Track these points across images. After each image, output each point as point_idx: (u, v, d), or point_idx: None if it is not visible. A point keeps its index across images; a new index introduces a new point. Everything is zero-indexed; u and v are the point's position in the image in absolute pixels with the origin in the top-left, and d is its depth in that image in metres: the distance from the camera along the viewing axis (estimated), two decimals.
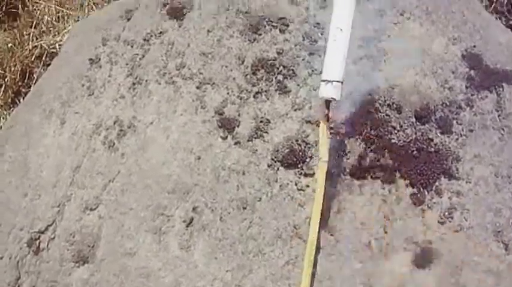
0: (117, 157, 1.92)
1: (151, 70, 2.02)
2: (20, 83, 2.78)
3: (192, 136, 1.90)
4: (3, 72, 2.78)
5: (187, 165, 1.87)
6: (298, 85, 1.94)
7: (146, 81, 2.01)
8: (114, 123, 1.97)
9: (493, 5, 2.73)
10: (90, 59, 2.10)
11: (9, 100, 2.79)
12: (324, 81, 1.66)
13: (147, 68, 2.03)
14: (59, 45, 2.83)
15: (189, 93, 1.96)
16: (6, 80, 2.78)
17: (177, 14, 2.14)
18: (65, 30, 2.90)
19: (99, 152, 1.95)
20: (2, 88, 2.79)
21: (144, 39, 2.10)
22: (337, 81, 1.65)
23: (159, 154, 1.89)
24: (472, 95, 1.95)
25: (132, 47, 2.09)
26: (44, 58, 2.82)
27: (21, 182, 2.02)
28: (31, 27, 2.98)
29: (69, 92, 2.07)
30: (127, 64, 2.06)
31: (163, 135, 1.91)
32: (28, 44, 2.87)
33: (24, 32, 2.92)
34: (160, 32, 2.10)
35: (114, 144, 1.94)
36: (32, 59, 2.83)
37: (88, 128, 1.98)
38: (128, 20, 2.18)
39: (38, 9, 3.03)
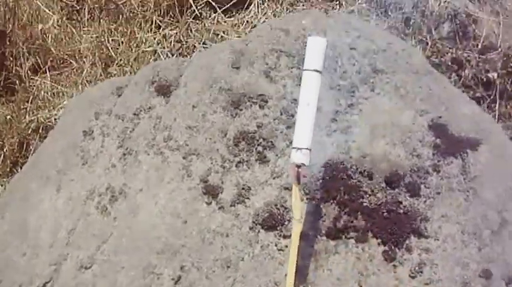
0: (110, 221, 2.04)
1: (140, 142, 2.18)
2: (17, 154, 2.91)
3: (179, 202, 2.03)
4: (1, 143, 2.92)
5: (174, 228, 1.99)
6: (276, 155, 2.10)
7: (136, 152, 2.16)
8: (107, 189, 2.10)
9: (461, 80, 2.94)
10: (84, 131, 2.26)
11: (8, 169, 2.91)
12: (294, 148, 1.83)
13: (137, 140, 2.19)
14: (55, 119, 2.97)
15: (175, 163, 2.11)
16: (4, 150, 2.92)
17: (164, 91, 2.32)
18: (60, 105, 3.04)
19: (93, 216, 2.07)
20: (1, 158, 2.92)
21: (134, 114, 2.27)
22: (306, 149, 1.83)
23: (149, 218, 2.01)
24: (438, 161, 2.10)
25: (122, 120, 2.26)
26: (40, 131, 2.96)
27: (21, 243, 2.13)
28: (28, 101, 3.12)
29: (65, 161, 2.22)
30: (118, 136, 2.22)
31: (152, 201, 2.04)
32: (25, 118, 3.02)
33: (22, 106, 3.06)
34: (149, 108, 2.28)
35: (106, 209, 2.07)
36: (29, 131, 2.97)
37: (82, 194, 2.11)
38: (119, 96, 2.36)
39: (34, 85, 3.19)
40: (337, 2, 3.18)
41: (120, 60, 3.26)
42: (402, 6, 2.99)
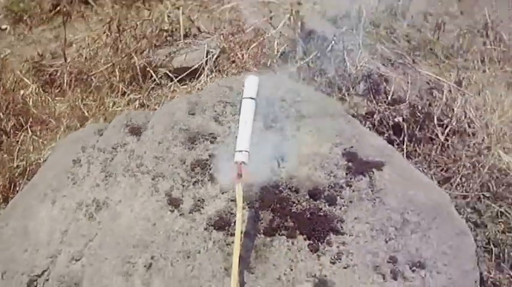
0: (95, 224, 2.54)
1: (118, 167, 2.73)
2: (8, 192, 3.31)
3: (149, 210, 2.56)
4: None
5: (146, 229, 2.50)
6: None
7: (115, 174, 2.71)
8: (92, 201, 2.61)
9: (374, 127, 3.46)
10: (73, 160, 2.80)
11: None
12: (236, 151, 2.45)
13: (115, 166, 2.74)
14: (39, 163, 3.40)
15: (146, 183, 2.66)
16: None
17: (136, 131, 2.91)
18: (43, 153, 3.48)
19: (82, 221, 2.56)
20: None
21: (113, 148, 2.83)
22: (245, 151, 2.44)
23: (126, 222, 2.53)
24: (350, 179, 2.66)
25: (104, 152, 2.81)
26: (26, 173, 3.33)
27: (23, 242, 2.56)
28: (13, 151, 3.56)
29: (58, 182, 2.72)
30: (101, 163, 2.76)
31: (128, 209, 2.57)
32: (13, 163, 3.44)
33: (8, 155, 3.51)
34: (124, 143, 2.85)
35: (92, 215, 2.57)
36: (17, 174, 3.41)
37: (73, 205, 2.61)
38: (100, 135, 2.92)
39: (18, 140, 3.64)
40: (272, 70, 3.82)
41: (93, 118, 3.74)
42: (326, 72, 3.55)
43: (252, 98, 2.55)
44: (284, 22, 4.03)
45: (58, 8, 4.87)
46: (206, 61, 4.05)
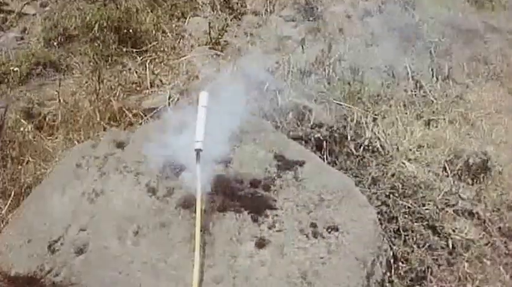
0: (95, 206, 3.38)
1: (110, 168, 3.63)
2: (21, 200, 4.14)
3: (134, 196, 3.44)
4: (9, 193, 4.17)
5: (133, 208, 3.37)
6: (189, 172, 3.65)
7: (108, 172, 3.60)
8: (92, 191, 3.50)
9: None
10: (76, 164, 3.69)
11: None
12: (196, 141, 3.40)
13: (107, 168, 3.63)
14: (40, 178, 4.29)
15: (130, 178, 3.54)
16: (10, 199, 4.13)
17: (120, 145, 3.85)
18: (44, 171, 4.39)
19: (85, 204, 3.41)
20: (9, 202, 4.12)
21: (104, 156, 3.75)
22: (201, 141, 3.40)
23: (118, 204, 3.41)
24: (280, 173, 3.59)
25: (98, 159, 3.72)
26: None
27: (42, 219, 3.36)
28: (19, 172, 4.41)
29: (66, 179, 3.59)
30: (96, 166, 3.64)
31: (119, 195, 3.44)
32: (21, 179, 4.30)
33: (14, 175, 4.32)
34: (113, 153, 3.78)
35: (93, 200, 3.43)
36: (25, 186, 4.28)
37: (78, 194, 3.46)
38: (94, 147, 3.88)
39: (22, 163, 4.53)
40: None
41: None
42: (262, 106, 4.55)
43: (204, 106, 3.56)
44: (229, 71, 5.06)
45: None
46: (169, 103, 5.04)
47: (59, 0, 6.83)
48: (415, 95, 5.67)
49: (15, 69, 5.57)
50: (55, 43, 6.12)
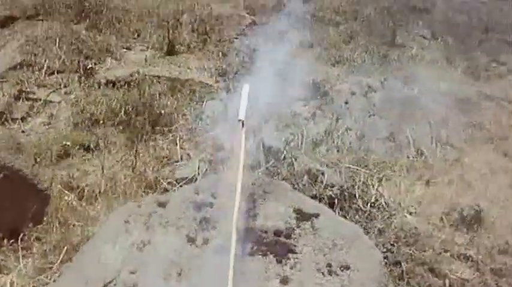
0: (144, 254, 4.02)
1: (155, 223, 4.27)
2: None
3: (176, 245, 4.09)
4: (59, 250, 4.74)
5: (176, 254, 4.07)
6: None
7: (153, 226, 4.23)
8: (140, 242, 4.11)
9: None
10: (125, 221, 4.32)
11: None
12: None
13: (152, 223, 4.26)
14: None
15: (172, 230, 4.23)
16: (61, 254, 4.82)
17: (162, 205, 4.52)
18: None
19: (134, 252, 4.02)
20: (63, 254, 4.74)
21: (149, 214, 4.40)
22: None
23: (162, 251, 4.08)
24: (299, 223, 4.25)
25: (143, 216, 4.33)
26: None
27: (97, 265, 3.95)
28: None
29: (115, 233, 4.18)
30: (142, 222, 4.28)
31: (163, 245, 4.12)
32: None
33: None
34: (156, 211, 4.42)
35: (141, 249, 4.06)
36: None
37: (127, 245, 4.08)
38: (139, 207, 4.52)
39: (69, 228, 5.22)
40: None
41: None
42: (280, 172, 5.32)
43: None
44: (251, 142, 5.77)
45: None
46: (198, 172, 5.73)
47: (84, 88, 7.57)
48: (417, 160, 6.40)
49: (47, 151, 6.17)
50: (83, 126, 6.79)
